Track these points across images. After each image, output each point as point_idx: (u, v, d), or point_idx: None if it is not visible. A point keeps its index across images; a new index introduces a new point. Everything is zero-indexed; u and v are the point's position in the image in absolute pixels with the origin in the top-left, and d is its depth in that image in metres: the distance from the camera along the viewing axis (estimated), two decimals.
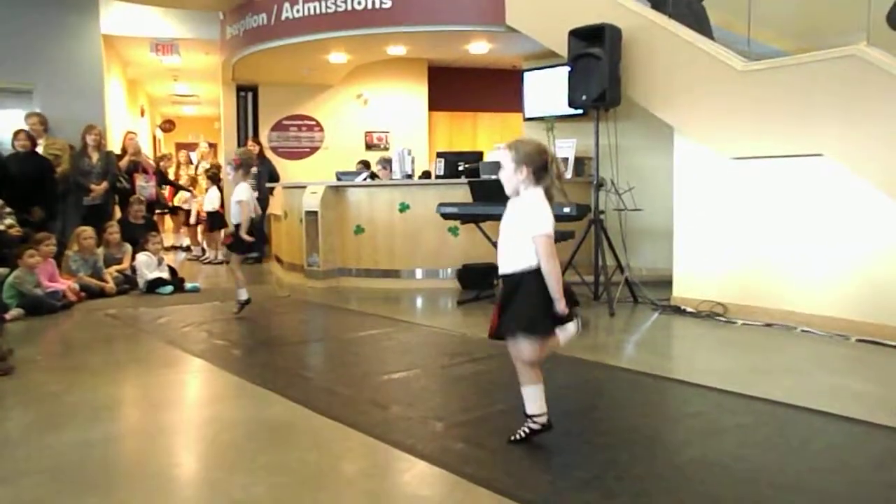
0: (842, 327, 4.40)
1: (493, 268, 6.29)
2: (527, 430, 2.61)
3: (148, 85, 12.95)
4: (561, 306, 2.50)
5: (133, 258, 6.84)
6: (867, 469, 2.41)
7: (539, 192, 2.55)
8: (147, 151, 11.12)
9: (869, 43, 4.40)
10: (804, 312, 4.63)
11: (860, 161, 4.32)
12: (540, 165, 2.53)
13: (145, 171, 8.59)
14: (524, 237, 2.52)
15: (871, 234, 4.31)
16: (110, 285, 6.47)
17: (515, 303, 2.54)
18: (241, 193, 5.27)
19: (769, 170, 4.85)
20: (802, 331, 4.52)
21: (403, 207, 6.84)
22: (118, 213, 8.02)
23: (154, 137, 14.78)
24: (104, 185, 7.58)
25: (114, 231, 7.02)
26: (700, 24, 5.52)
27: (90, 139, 7.59)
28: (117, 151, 8.34)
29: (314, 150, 10.30)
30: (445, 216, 6.09)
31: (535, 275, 2.50)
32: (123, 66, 10.47)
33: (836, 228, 4.49)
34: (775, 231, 4.84)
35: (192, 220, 10.12)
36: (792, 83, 4.66)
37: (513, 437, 2.63)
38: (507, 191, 2.61)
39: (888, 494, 2.22)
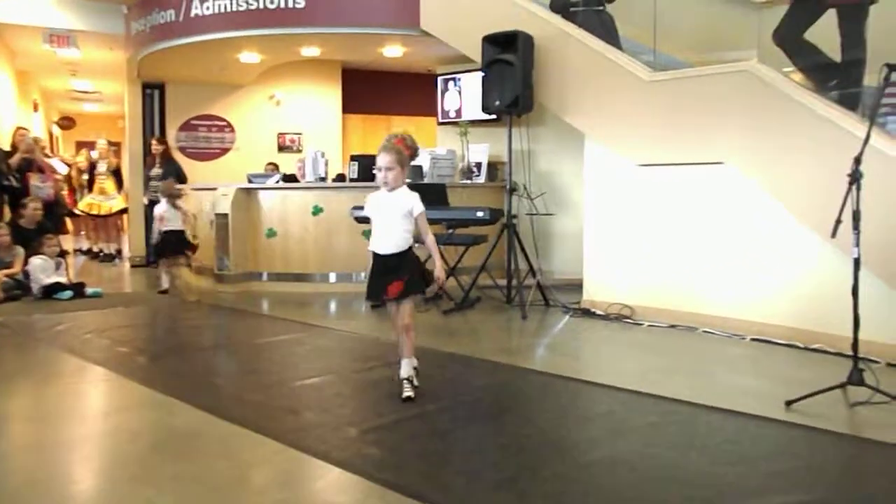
0: (738, 328, 4.63)
1: None
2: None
3: (42, 78, 12.22)
4: None
5: (26, 262, 6.47)
6: (758, 460, 2.55)
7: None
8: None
9: (759, 59, 4.68)
10: (705, 314, 4.85)
11: (755, 169, 4.57)
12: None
13: (41, 171, 8.08)
14: None
15: (766, 239, 4.56)
16: None
17: None
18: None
19: (674, 176, 5.05)
20: (704, 331, 4.74)
21: (317, 210, 6.75)
22: (7, 215, 7.52)
23: (50, 134, 13.97)
24: None
25: (3, 233, 6.60)
26: (609, 34, 5.70)
27: None
28: (6, 148, 7.82)
29: (224, 151, 10.01)
30: (359, 220, 6.05)
31: None
32: (11, 57, 9.84)
33: (735, 233, 4.72)
34: (679, 235, 5.05)
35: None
36: (694, 94, 4.89)
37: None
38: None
39: (771, 483, 2.35)
